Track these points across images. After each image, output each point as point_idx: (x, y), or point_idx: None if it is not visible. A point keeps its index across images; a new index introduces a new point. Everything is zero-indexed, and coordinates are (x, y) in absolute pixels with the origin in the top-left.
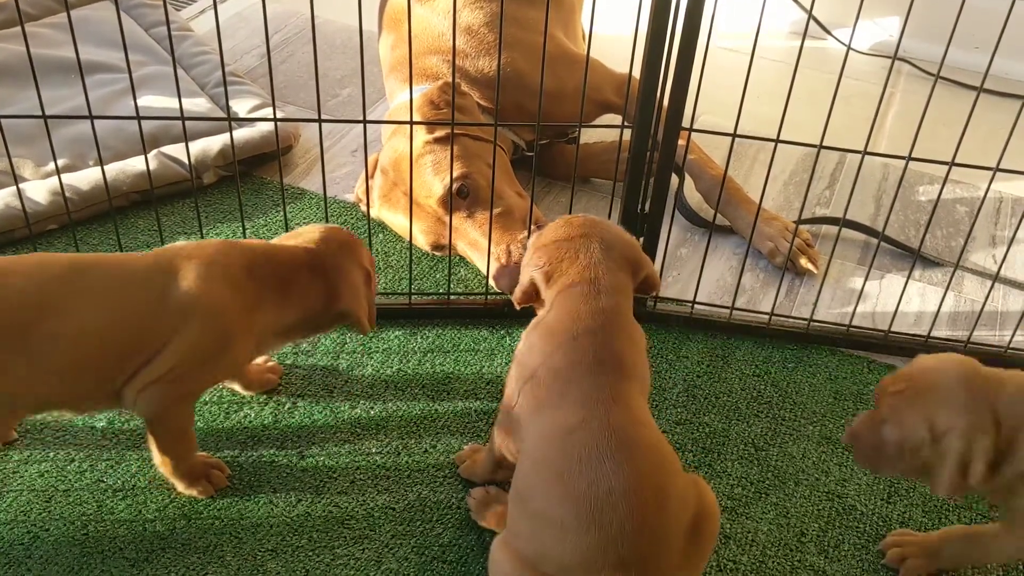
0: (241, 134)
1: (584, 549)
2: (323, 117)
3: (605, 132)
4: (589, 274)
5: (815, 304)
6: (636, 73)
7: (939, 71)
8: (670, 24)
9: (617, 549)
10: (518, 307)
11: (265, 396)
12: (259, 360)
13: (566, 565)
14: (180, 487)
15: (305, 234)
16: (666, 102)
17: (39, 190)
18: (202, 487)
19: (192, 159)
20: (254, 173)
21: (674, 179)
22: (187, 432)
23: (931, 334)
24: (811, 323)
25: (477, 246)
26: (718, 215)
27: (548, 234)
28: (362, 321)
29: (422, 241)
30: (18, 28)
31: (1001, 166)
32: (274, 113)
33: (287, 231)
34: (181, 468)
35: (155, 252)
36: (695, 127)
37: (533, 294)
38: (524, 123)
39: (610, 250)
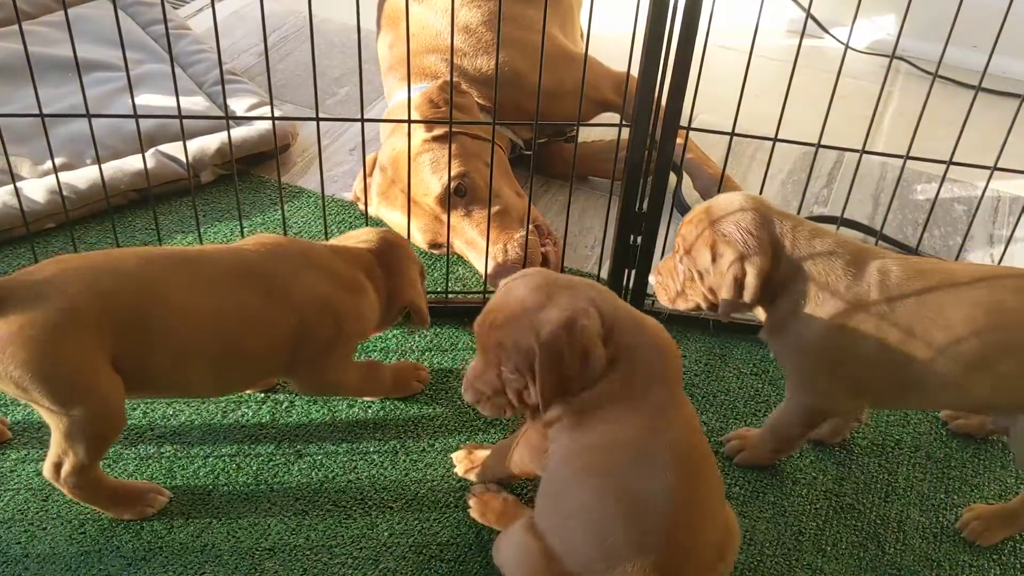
0: (239, 133)
1: (620, 549)
2: (321, 116)
3: (603, 131)
4: (606, 307)
5: None
6: (634, 72)
7: (937, 70)
8: (668, 22)
9: (652, 553)
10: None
11: (263, 395)
12: None
13: (595, 562)
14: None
15: (355, 237)
16: (664, 101)
17: (37, 189)
18: (411, 386)
19: (190, 158)
20: (252, 172)
21: (672, 178)
22: (354, 381)
23: None
24: None
25: (475, 245)
26: None
27: (548, 320)
28: (424, 312)
29: (420, 239)
30: (15, 26)
31: (999, 165)
32: (272, 111)
33: (285, 230)
34: (383, 386)
35: (264, 241)
36: (693, 126)
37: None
38: (522, 122)
39: (560, 277)
